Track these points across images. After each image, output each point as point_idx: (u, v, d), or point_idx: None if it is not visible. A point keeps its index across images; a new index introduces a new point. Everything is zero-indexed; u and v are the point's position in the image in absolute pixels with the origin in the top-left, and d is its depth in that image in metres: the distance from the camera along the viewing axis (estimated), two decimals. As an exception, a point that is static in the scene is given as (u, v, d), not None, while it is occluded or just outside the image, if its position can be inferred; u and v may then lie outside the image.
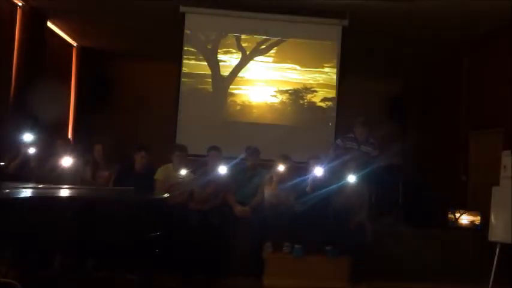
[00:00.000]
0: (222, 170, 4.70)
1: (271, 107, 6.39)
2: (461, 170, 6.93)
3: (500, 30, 6.15)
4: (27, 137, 4.61)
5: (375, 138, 5.40)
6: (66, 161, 4.62)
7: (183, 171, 4.72)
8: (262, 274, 4.48)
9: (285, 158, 4.82)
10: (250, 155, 5.06)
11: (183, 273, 4.32)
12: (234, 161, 4.94)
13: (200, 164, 5.05)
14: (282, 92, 6.39)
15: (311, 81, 6.39)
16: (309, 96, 6.39)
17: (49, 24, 7.02)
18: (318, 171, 4.68)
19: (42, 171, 4.73)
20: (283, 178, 4.73)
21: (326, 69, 6.39)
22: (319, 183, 4.70)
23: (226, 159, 4.94)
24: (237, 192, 4.94)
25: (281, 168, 4.71)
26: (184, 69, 6.31)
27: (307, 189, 4.70)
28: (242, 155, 5.11)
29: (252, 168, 5.07)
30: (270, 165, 4.97)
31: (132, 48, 8.48)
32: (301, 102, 6.41)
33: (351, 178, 4.68)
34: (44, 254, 3.90)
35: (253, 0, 5.85)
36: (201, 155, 5.18)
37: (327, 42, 6.35)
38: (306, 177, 4.76)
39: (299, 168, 5.06)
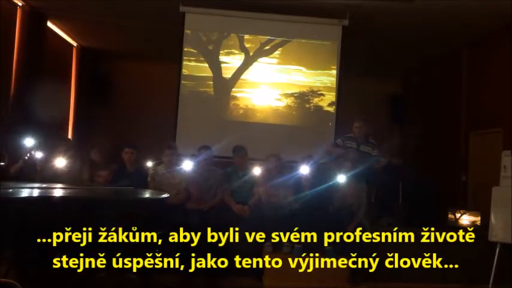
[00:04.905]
0: (187, 165, 4.83)
1: (275, 110, 6.14)
2: (461, 170, 6.93)
3: (501, 30, 6.16)
4: (28, 140, 4.63)
5: (375, 138, 5.40)
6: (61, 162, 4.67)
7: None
8: (262, 274, 4.48)
9: (272, 156, 4.90)
10: (236, 154, 5.11)
11: (182, 273, 4.32)
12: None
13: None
14: (287, 95, 6.15)
15: (318, 84, 6.16)
16: (315, 99, 6.15)
17: (49, 24, 7.02)
18: (304, 169, 4.84)
19: (44, 171, 4.74)
20: (271, 176, 4.81)
21: (333, 72, 6.16)
22: (313, 183, 4.81)
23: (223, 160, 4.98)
24: (233, 192, 4.96)
25: (266, 166, 4.81)
26: (184, 71, 6.09)
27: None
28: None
29: (242, 167, 5.10)
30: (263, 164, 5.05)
31: (132, 48, 8.47)
32: (307, 105, 6.17)
33: (346, 178, 4.76)
34: (44, 254, 3.89)
35: (252, 0, 5.84)
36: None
37: (327, 42, 6.23)
38: (294, 174, 4.88)
39: (294, 168, 5.08)
